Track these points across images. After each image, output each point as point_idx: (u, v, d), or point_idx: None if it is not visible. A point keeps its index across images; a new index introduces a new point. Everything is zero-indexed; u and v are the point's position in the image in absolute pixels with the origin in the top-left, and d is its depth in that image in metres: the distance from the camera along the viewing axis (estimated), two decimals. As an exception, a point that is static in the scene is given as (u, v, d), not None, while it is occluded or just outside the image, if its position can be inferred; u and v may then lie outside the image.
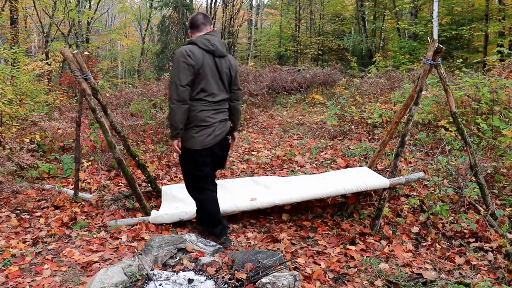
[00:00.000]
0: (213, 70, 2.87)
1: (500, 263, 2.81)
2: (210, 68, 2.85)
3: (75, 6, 13.80)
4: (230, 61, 3.01)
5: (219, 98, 2.93)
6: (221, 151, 3.11)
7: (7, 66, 7.26)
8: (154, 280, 2.21)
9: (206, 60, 2.83)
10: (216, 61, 2.89)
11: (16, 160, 4.25)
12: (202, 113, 2.86)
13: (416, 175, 3.53)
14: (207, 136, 2.89)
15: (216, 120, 2.93)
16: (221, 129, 2.96)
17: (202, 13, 3.05)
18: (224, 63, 2.94)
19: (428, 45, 3.31)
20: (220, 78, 2.92)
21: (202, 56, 2.81)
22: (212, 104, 2.90)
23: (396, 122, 3.92)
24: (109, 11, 27.73)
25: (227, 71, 2.96)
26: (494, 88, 5.18)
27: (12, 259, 2.77)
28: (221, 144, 3.04)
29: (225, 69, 2.94)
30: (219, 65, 2.90)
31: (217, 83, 2.91)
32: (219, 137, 2.96)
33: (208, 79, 2.85)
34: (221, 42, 2.94)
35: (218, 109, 2.96)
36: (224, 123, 3.00)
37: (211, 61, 2.86)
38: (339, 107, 7.18)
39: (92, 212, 3.69)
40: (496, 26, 12.54)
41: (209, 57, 2.85)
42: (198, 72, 2.80)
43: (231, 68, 2.99)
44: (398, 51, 15.00)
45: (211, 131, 2.90)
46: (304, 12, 22.47)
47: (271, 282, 2.14)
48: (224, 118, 3.01)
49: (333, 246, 3.08)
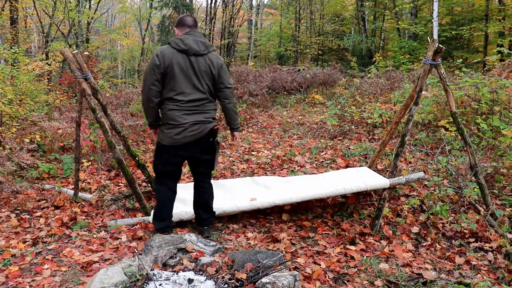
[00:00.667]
0: (186, 69, 2.89)
1: (500, 263, 2.81)
2: (181, 67, 2.87)
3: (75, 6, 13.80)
4: (212, 59, 2.97)
5: (192, 98, 2.90)
6: (205, 154, 3.07)
7: (7, 66, 7.26)
8: (154, 280, 2.21)
9: (177, 60, 2.87)
10: (192, 60, 2.90)
11: (16, 160, 4.25)
12: (171, 112, 2.92)
13: (416, 175, 3.53)
14: (175, 134, 2.92)
15: (187, 121, 2.90)
16: (195, 131, 2.93)
17: (188, 15, 3.11)
18: (203, 62, 2.92)
19: (428, 45, 3.31)
20: (196, 77, 2.91)
21: (172, 55, 2.86)
22: (184, 104, 2.90)
23: (396, 122, 3.92)
24: (109, 11, 27.71)
25: (207, 70, 2.94)
26: (494, 88, 5.18)
27: (12, 259, 2.77)
28: (201, 146, 3.01)
29: (204, 67, 2.93)
30: (194, 64, 2.90)
31: (190, 82, 2.90)
32: (192, 137, 2.93)
33: (178, 78, 2.87)
34: (198, 41, 2.93)
35: (193, 110, 2.93)
36: (200, 125, 2.94)
37: (184, 60, 2.88)
38: (339, 107, 7.18)
39: (92, 212, 3.69)
40: (496, 26, 12.54)
41: (181, 57, 2.88)
42: (166, 72, 2.86)
43: (211, 66, 2.95)
44: (398, 51, 14.99)
45: (181, 131, 2.91)
46: (304, 12, 22.46)
47: (271, 282, 2.14)
48: (201, 120, 2.95)
49: (333, 246, 3.08)
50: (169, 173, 3.11)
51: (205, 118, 2.98)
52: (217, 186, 3.96)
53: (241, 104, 8.20)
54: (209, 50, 2.99)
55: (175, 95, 2.90)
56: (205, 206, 3.23)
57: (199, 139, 2.97)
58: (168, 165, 3.06)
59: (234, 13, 21.82)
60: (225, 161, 5.27)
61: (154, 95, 2.89)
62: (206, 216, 3.24)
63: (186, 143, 2.94)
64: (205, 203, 3.22)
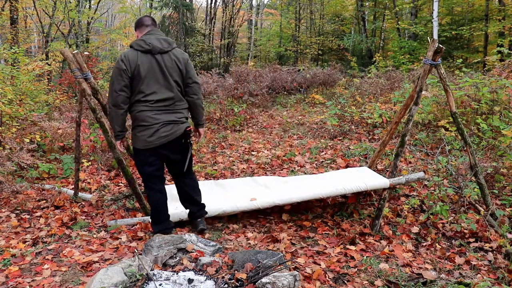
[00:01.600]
0: (152, 69, 2.85)
1: (500, 263, 2.81)
2: (147, 68, 2.84)
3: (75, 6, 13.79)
4: (177, 55, 2.93)
5: (162, 97, 2.87)
6: (175, 154, 3.03)
7: (7, 66, 7.25)
8: (154, 280, 2.21)
9: (142, 61, 2.83)
10: (158, 58, 2.86)
11: (16, 160, 4.25)
12: (141, 113, 2.87)
13: (416, 175, 3.53)
14: (148, 137, 2.87)
15: (159, 121, 2.86)
16: (168, 131, 2.89)
17: (146, 15, 3.09)
18: (168, 59, 2.88)
19: (428, 45, 3.31)
20: (163, 75, 2.88)
21: (136, 57, 2.82)
22: (153, 104, 2.86)
23: (396, 122, 3.92)
24: (109, 11, 27.72)
25: (173, 66, 2.90)
26: (494, 88, 5.18)
27: (12, 259, 2.77)
28: (173, 147, 2.97)
29: (170, 64, 2.88)
30: (161, 62, 2.87)
31: (157, 82, 2.87)
32: (165, 139, 2.89)
33: (145, 79, 2.84)
34: (160, 39, 2.89)
35: (163, 110, 2.89)
36: (173, 125, 2.90)
37: (150, 60, 2.85)
38: (339, 107, 7.18)
39: (92, 212, 3.69)
40: (496, 26, 12.54)
41: (145, 57, 2.84)
42: (133, 76, 2.82)
43: (178, 62, 2.91)
44: (398, 51, 15.00)
45: (153, 132, 2.86)
46: (304, 12, 22.46)
47: (271, 282, 2.14)
48: (173, 120, 2.91)
49: (333, 246, 3.08)
50: (151, 174, 3.05)
51: (177, 118, 2.92)
52: (217, 186, 3.96)
53: (241, 104, 8.20)
54: (172, 46, 2.94)
55: (144, 96, 2.85)
56: (190, 199, 3.22)
57: (172, 140, 2.92)
58: (148, 166, 3.01)
59: (234, 13, 21.81)
60: (225, 161, 5.27)
61: (122, 101, 2.84)
62: (194, 209, 3.24)
63: (159, 145, 2.90)
64: (189, 196, 3.21)
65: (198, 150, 5.71)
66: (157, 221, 3.12)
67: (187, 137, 2.98)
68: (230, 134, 6.75)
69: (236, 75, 10.13)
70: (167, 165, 3.16)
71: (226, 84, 9.44)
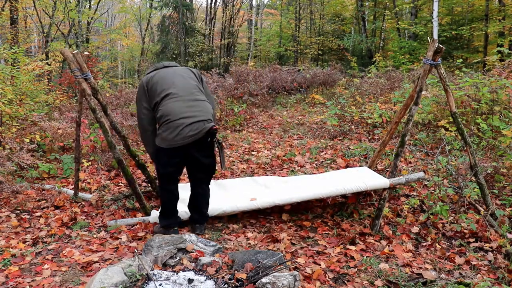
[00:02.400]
0: (172, 76, 3.19)
1: (500, 263, 2.81)
2: (167, 77, 3.17)
3: (75, 6, 13.79)
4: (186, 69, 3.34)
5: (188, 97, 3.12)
6: (202, 157, 3.11)
7: (7, 66, 7.25)
8: (154, 280, 2.21)
9: (160, 75, 3.18)
10: (174, 69, 3.26)
11: (16, 160, 4.25)
12: (167, 107, 3.07)
13: (416, 175, 3.53)
14: (174, 136, 2.96)
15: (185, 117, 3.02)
16: (193, 131, 2.99)
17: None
18: (181, 69, 3.32)
19: (428, 45, 3.31)
20: (183, 79, 3.21)
21: (154, 74, 3.20)
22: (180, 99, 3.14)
23: (396, 122, 3.92)
24: (109, 11, 27.70)
25: (187, 72, 3.29)
26: (494, 88, 5.18)
27: (12, 259, 2.77)
28: (199, 148, 3.07)
29: (184, 72, 3.27)
30: (177, 71, 3.26)
31: (179, 84, 3.15)
32: (190, 139, 2.97)
33: (166, 85, 3.16)
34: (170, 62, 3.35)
35: (190, 108, 3.09)
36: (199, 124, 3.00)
37: (166, 71, 3.23)
38: (339, 107, 7.18)
39: (92, 212, 3.69)
40: (496, 26, 12.54)
41: (163, 71, 3.20)
42: (153, 89, 3.15)
43: (190, 71, 3.33)
44: (398, 51, 14.99)
45: (179, 131, 2.97)
46: (304, 12, 22.45)
47: (271, 282, 2.14)
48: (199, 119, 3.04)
49: (333, 246, 3.08)
50: (170, 175, 3.10)
51: (204, 117, 3.00)
52: (217, 186, 3.96)
53: (241, 104, 8.20)
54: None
55: (167, 95, 3.02)
56: (198, 210, 3.26)
57: (198, 140, 2.96)
58: (168, 166, 3.06)
59: (234, 13, 21.81)
60: (225, 161, 5.27)
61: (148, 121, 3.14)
62: (197, 217, 3.27)
63: (184, 144, 2.93)
64: (199, 207, 3.25)
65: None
66: (165, 216, 3.19)
67: (212, 136, 3.05)
68: (230, 134, 6.75)
69: (236, 75, 10.12)
70: (192, 170, 3.21)
71: (226, 84, 9.44)
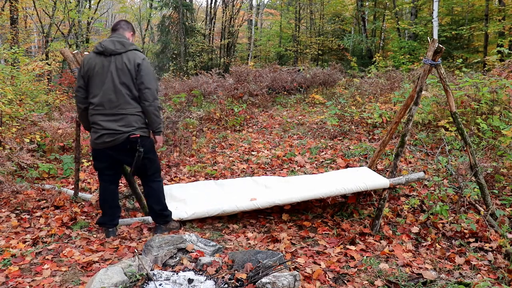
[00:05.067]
0: (101, 70, 2.85)
1: (500, 263, 2.81)
2: (97, 69, 2.86)
3: (75, 6, 13.79)
4: (129, 57, 2.84)
5: (103, 100, 2.86)
6: (124, 158, 3.02)
7: (7, 66, 7.26)
8: (154, 280, 2.21)
9: (95, 62, 2.88)
10: (109, 60, 2.85)
11: (16, 160, 4.25)
12: (91, 117, 2.96)
13: (416, 175, 3.53)
14: (94, 139, 2.95)
15: (102, 127, 2.88)
16: (110, 139, 2.88)
17: (120, 20, 3.12)
18: (120, 61, 2.83)
19: (428, 45, 3.31)
20: (110, 77, 2.83)
21: (90, 59, 2.90)
22: (96, 107, 2.90)
23: (396, 122, 3.92)
24: (109, 11, 27.72)
25: (124, 68, 2.83)
26: (494, 88, 5.18)
27: (12, 259, 2.77)
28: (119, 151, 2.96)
29: (120, 66, 2.83)
30: (111, 64, 2.85)
31: (102, 84, 2.85)
32: (108, 144, 2.90)
33: (94, 81, 2.88)
34: (114, 41, 2.87)
35: (103, 113, 2.88)
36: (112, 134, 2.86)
37: (101, 61, 2.86)
38: (339, 107, 7.17)
39: (92, 212, 3.69)
40: (496, 26, 12.53)
41: (98, 59, 2.88)
42: (85, 76, 2.92)
43: (128, 64, 2.83)
44: (398, 51, 14.98)
45: (97, 136, 2.92)
46: (304, 12, 22.45)
47: (271, 282, 2.14)
48: (114, 128, 2.86)
49: (333, 246, 3.08)
50: (102, 171, 3.12)
51: (119, 125, 2.87)
52: (217, 186, 3.96)
53: (241, 104, 8.20)
54: (127, 48, 2.87)
55: (91, 98, 2.92)
56: (150, 207, 3.23)
57: (116, 146, 2.92)
58: (97, 162, 3.10)
59: (234, 13, 21.82)
60: (225, 161, 5.27)
61: (79, 101, 2.98)
62: (152, 215, 3.24)
63: (104, 148, 2.95)
64: (150, 205, 3.22)
65: (198, 150, 5.71)
66: (102, 213, 3.20)
67: (132, 144, 2.90)
68: (230, 134, 6.75)
69: (236, 75, 10.12)
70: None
71: (226, 84, 9.44)
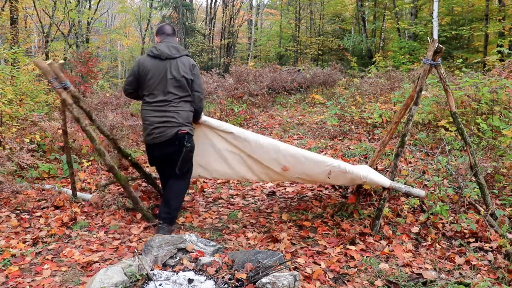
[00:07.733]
0: (157, 73, 3.13)
1: (500, 263, 2.81)
2: (153, 71, 3.13)
3: (75, 6, 13.78)
4: (183, 61, 3.16)
5: (158, 99, 3.13)
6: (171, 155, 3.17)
7: (7, 66, 7.26)
8: (154, 280, 2.21)
9: (151, 65, 3.14)
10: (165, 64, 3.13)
11: (16, 160, 4.25)
12: (143, 111, 3.21)
13: (417, 191, 3.36)
14: (146, 136, 3.19)
15: (153, 122, 3.11)
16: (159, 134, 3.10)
17: (168, 24, 3.36)
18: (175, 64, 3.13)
19: (428, 45, 3.31)
20: (165, 80, 3.11)
21: (146, 62, 3.16)
22: (151, 104, 3.14)
23: (396, 122, 3.91)
24: (109, 11, 27.69)
25: (178, 72, 3.12)
26: (494, 88, 5.18)
27: (12, 259, 2.77)
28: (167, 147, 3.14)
29: (175, 69, 3.12)
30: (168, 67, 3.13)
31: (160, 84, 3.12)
32: (157, 140, 3.11)
33: (149, 81, 3.14)
34: (169, 46, 3.17)
35: (158, 110, 3.12)
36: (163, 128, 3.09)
37: (157, 64, 3.14)
38: (339, 107, 7.18)
39: (92, 212, 3.69)
40: (496, 26, 12.53)
41: (154, 61, 3.15)
42: (140, 77, 3.18)
43: (183, 69, 3.13)
44: (398, 51, 14.98)
45: (149, 132, 3.16)
46: (304, 12, 22.46)
47: (271, 282, 2.14)
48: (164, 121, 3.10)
49: (333, 246, 3.08)
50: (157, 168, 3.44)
51: (169, 122, 3.10)
52: None
53: (241, 104, 8.20)
54: (181, 53, 3.19)
55: (146, 97, 3.17)
56: (164, 202, 3.30)
57: (165, 141, 3.11)
58: (150, 158, 3.35)
59: (234, 13, 21.83)
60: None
61: (127, 94, 3.34)
62: (161, 211, 3.27)
63: (153, 144, 3.16)
64: (166, 199, 3.30)
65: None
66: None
67: (180, 140, 3.12)
68: (230, 134, 6.73)
69: (236, 75, 10.13)
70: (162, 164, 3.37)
71: (226, 84, 9.45)
